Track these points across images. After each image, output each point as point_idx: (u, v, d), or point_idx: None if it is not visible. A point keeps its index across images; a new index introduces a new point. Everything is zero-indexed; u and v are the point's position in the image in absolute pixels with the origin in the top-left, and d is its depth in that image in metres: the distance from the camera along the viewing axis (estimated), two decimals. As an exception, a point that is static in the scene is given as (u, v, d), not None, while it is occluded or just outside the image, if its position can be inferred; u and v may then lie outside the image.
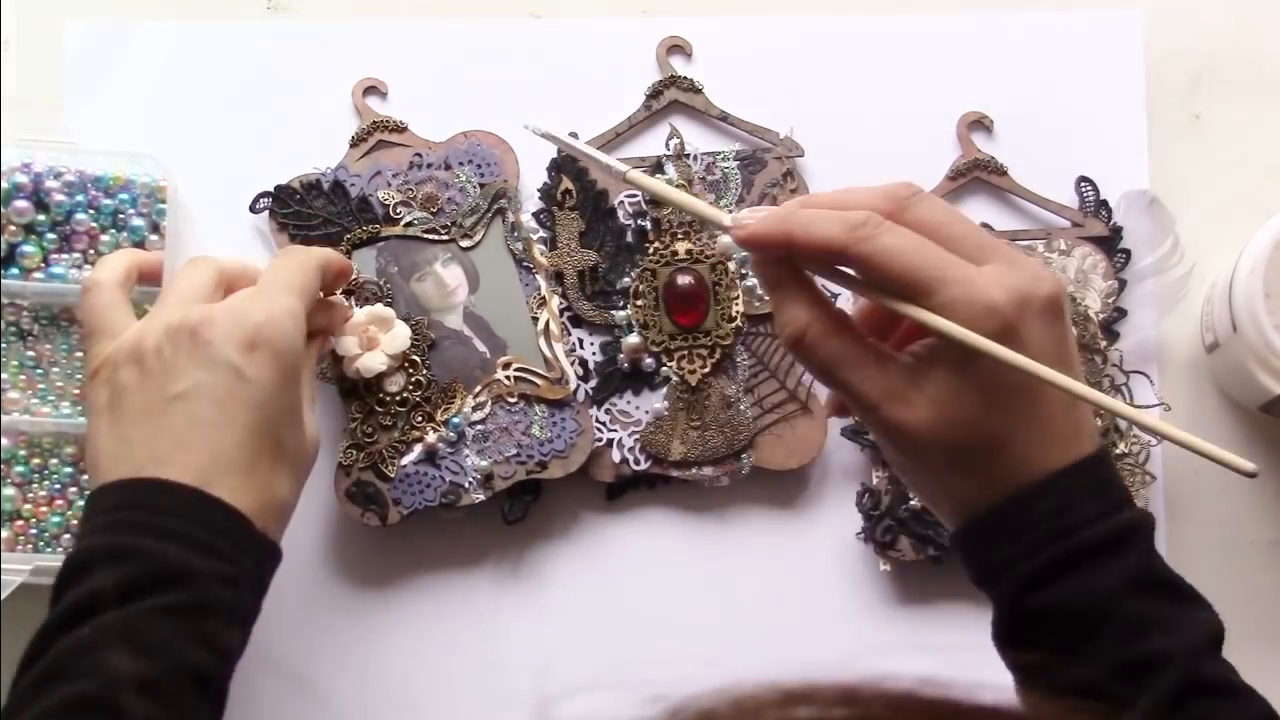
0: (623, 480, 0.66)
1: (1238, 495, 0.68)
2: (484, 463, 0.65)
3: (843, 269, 0.46)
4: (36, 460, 0.64)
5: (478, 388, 0.66)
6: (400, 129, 0.68)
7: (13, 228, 0.64)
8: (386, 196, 0.67)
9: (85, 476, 0.63)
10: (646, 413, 0.66)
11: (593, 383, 0.66)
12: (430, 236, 0.67)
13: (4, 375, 0.64)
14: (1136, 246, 0.68)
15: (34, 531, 0.63)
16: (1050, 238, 0.68)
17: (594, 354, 0.67)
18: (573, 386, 0.66)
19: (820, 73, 0.71)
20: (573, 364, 0.66)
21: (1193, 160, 0.70)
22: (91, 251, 0.65)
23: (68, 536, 0.63)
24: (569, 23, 0.71)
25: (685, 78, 0.69)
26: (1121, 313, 0.68)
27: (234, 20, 0.71)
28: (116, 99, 0.70)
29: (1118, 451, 0.66)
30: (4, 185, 0.64)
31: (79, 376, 0.64)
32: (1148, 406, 0.67)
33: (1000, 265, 0.45)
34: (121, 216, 0.65)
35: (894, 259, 0.44)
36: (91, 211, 0.65)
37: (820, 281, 0.48)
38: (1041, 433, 0.46)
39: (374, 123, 0.68)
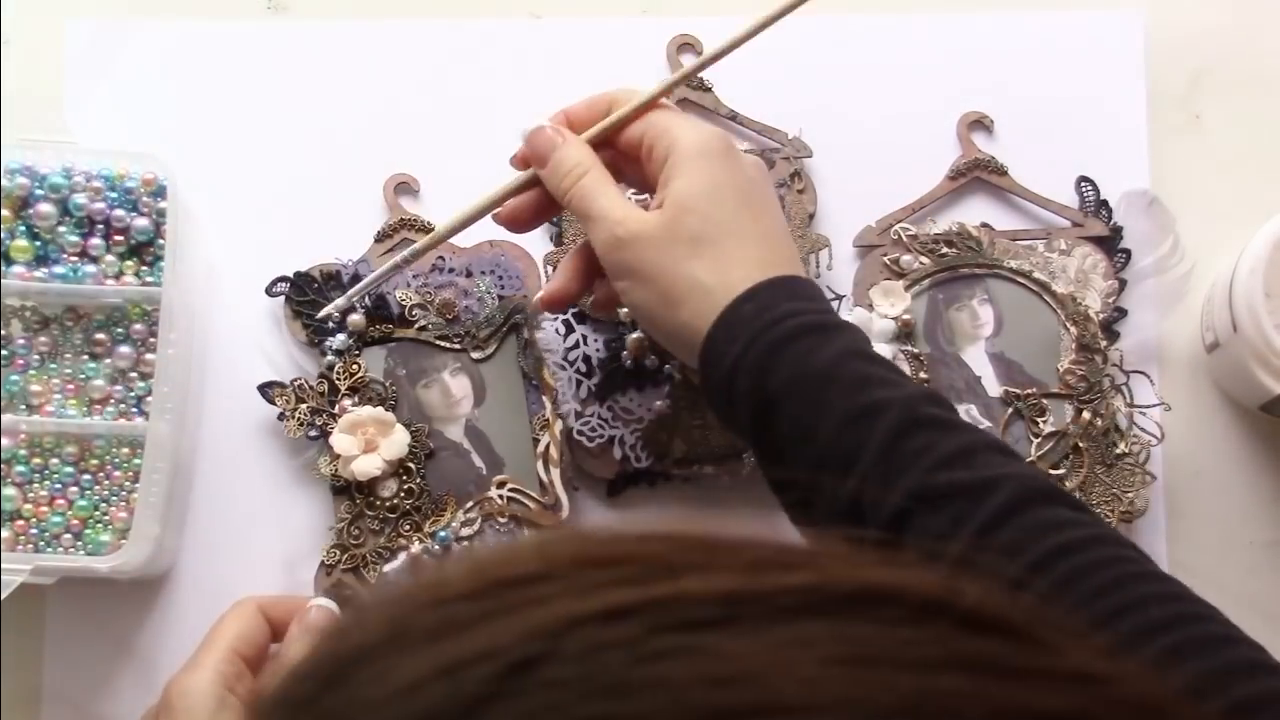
0: (624, 477, 0.66)
1: (1238, 495, 0.68)
2: (466, 582, 0.64)
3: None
4: (37, 460, 0.64)
5: (470, 503, 0.64)
6: (427, 229, 0.66)
7: (12, 227, 0.64)
8: (404, 297, 0.66)
9: (85, 476, 0.63)
10: (649, 410, 0.66)
11: (595, 379, 0.66)
12: (442, 344, 0.66)
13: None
14: (1136, 246, 0.68)
15: (34, 531, 0.63)
16: (1050, 238, 0.68)
17: (597, 350, 0.67)
18: (565, 514, 0.65)
19: (821, 73, 0.71)
20: (576, 362, 0.66)
21: (1193, 160, 0.70)
22: (91, 251, 0.65)
23: (68, 536, 0.63)
24: (569, 23, 0.71)
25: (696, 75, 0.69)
26: (1121, 313, 0.68)
27: (234, 20, 0.71)
28: (116, 98, 0.70)
29: (1118, 451, 0.65)
30: (4, 185, 0.64)
31: (80, 376, 0.64)
32: (1148, 406, 0.67)
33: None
34: (121, 216, 0.65)
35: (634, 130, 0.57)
36: (91, 211, 0.65)
37: None
38: (762, 247, 0.54)
39: (401, 220, 0.67)
